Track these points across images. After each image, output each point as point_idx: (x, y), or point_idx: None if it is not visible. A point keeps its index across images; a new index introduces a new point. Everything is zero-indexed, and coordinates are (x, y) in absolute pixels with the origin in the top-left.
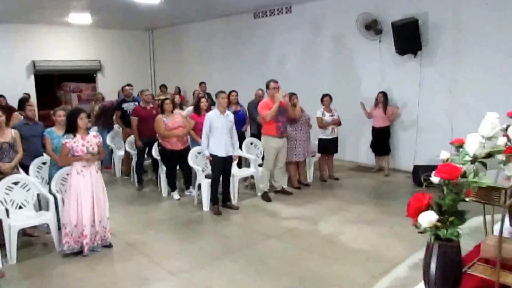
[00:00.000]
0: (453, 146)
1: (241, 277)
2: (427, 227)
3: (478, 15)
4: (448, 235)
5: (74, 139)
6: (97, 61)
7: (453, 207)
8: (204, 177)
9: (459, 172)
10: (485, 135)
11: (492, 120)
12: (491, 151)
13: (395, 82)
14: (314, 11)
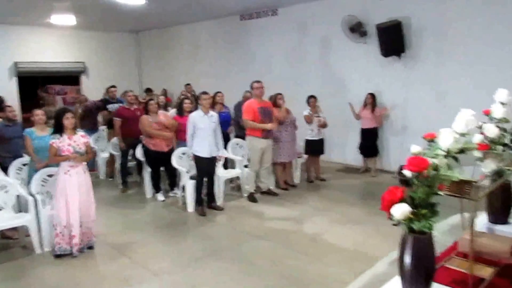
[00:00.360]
0: (425, 140)
1: (225, 277)
2: (401, 219)
3: (459, 18)
4: (421, 227)
5: (61, 139)
6: (82, 63)
7: (425, 200)
8: (188, 178)
9: (426, 164)
10: (459, 132)
11: (467, 117)
12: (464, 147)
13: (381, 84)
14: (300, 13)
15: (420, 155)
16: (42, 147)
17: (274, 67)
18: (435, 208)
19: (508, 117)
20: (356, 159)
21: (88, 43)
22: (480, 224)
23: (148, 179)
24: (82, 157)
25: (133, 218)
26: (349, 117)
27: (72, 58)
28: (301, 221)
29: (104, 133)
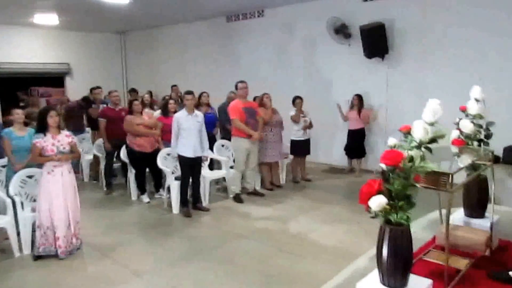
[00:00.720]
0: (401, 133)
1: (209, 276)
2: (378, 211)
3: (440, 21)
4: (398, 219)
5: (45, 138)
6: (66, 64)
7: (402, 192)
8: (173, 179)
9: (401, 157)
10: (428, 121)
11: (434, 106)
12: (434, 136)
13: (365, 85)
14: (286, 15)
15: (396, 147)
16: (21, 147)
17: (260, 68)
18: (412, 200)
19: (483, 113)
20: (342, 159)
21: (73, 43)
22: (457, 218)
23: (133, 181)
24: (67, 155)
25: (116, 220)
26: (334, 118)
27: (56, 59)
28: (286, 221)
29: (88, 134)
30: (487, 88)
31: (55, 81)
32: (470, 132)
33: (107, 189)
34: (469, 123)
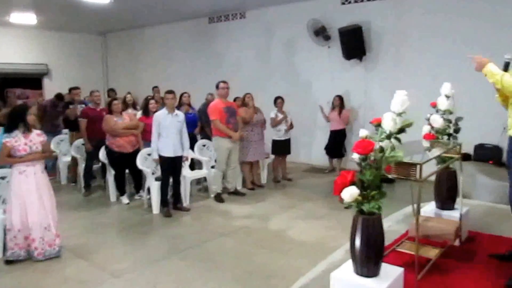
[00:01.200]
0: (373, 125)
1: (189, 274)
2: (350, 201)
3: (416, 23)
4: (371, 208)
5: (16, 138)
6: (44, 64)
7: (374, 182)
8: (154, 179)
9: (372, 146)
10: (396, 112)
11: (402, 97)
12: (402, 126)
13: (344, 86)
14: (267, 17)
15: (367, 138)
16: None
17: (242, 69)
18: (383, 190)
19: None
20: (322, 159)
21: (51, 44)
22: (429, 211)
23: (112, 182)
24: (40, 153)
25: (95, 221)
26: (315, 118)
27: (34, 59)
28: (267, 219)
29: (66, 136)
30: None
31: (33, 82)
32: (440, 126)
33: (85, 191)
34: (439, 118)
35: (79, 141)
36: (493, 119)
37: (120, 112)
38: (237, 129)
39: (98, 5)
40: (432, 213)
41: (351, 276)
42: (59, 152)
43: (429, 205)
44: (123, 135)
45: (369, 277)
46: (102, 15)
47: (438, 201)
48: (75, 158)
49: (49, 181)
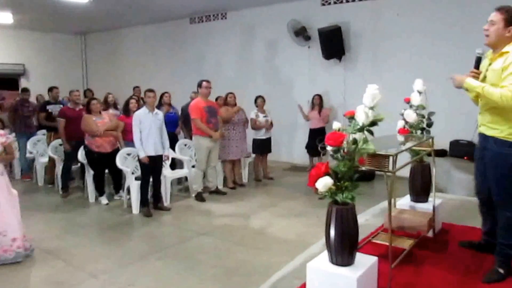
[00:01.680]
0: (346, 118)
1: (168, 273)
2: (324, 191)
3: (392, 24)
4: (344, 198)
5: None
6: (21, 65)
7: (347, 173)
8: (133, 179)
9: (343, 138)
10: (368, 105)
11: (373, 91)
12: (374, 119)
13: (323, 85)
14: (248, 17)
15: (340, 130)
16: None
17: (223, 69)
18: (354, 179)
19: (424, 104)
20: (303, 158)
21: (29, 43)
22: (403, 204)
23: (91, 182)
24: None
25: (73, 222)
26: (295, 117)
27: (10, 59)
28: (248, 217)
29: (44, 136)
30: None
31: (9, 83)
32: (414, 121)
33: (63, 192)
34: (413, 113)
35: (57, 142)
36: (467, 116)
37: (99, 112)
38: (218, 128)
39: (76, 5)
40: (407, 206)
41: (326, 265)
42: (36, 153)
43: (404, 198)
44: (101, 136)
45: (344, 266)
46: (81, 15)
47: (413, 194)
48: (53, 159)
49: (9, 183)
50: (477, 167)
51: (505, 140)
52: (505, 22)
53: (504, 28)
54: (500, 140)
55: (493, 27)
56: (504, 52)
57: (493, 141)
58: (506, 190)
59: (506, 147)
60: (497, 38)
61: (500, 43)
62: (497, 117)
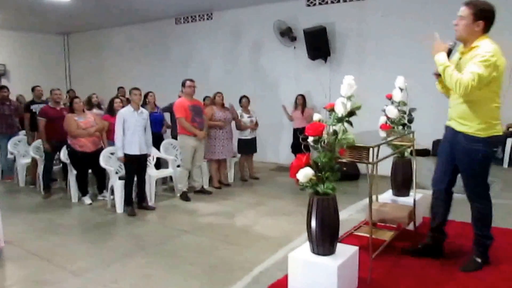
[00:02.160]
0: (326, 110)
1: (152, 271)
2: (305, 182)
3: (376, 25)
4: (325, 189)
5: None
6: (2, 65)
7: (328, 164)
8: (117, 178)
9: (323, 127)
10: (345, 95)
11: (349, 81)
12: (351, 109)
13: (309, 86)
14: (234, 18)
15: (321, 121)
16: None
17: (209, 69)
18: (336, 170)
19: (406, 100)
20: (289, 158)
21: (10, 43)
22: (386, 198)
23: (74, 182)
24: None
25: (55, 222)
26: (281, 117)
27: None
28: (233, 216)
29: (25, 137)
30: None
31: None
32: (395, 117)
33: (45, 193)
34: (394, 109)
35: (39, 142)
36: None
37: (82, 111)
38: (203, 127)
39: (59, 4)
40: (388, 200)
41: (308, 255)
42: (17, 153)
43: (386, 193)
44: (80, 139)
45: (325, 255)
46: (64, 15)
47: (394, 189)
48: (35, 160)
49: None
50: (441, 160)
51: (474, 136)
52: (474, 17)
53: (472, 23)
54: (470, 136)
55: (462, 21)
56: (474, 46)
57: (463, 137)
58: (477, 183)
59: (476, 142)
60: (466, 32)
61: (470, 37)
62: (468, 113)
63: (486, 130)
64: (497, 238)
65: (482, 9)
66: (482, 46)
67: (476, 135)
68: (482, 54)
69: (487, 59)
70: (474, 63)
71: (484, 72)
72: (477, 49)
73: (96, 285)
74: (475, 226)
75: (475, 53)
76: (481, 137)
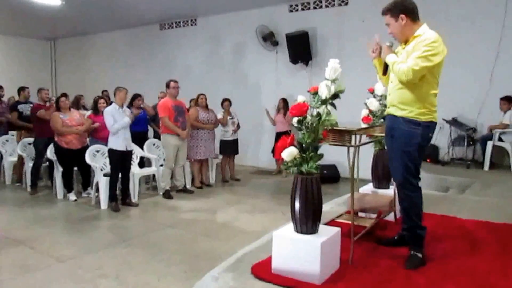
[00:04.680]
0: (310, 93)
1: (134, 258)
2: (289, 160)
3: (357, 29)
4: (309, 168)
5: None
6: None
7: (312, 144)
8: (102, 175)
9: (306, 107)
10: (329, 78)
11: (334, 65)
12: (335, 91)
13: (290, 90)
14: (217, 23)
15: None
16: None
17: (193, 72)
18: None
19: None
20: (269, 162)
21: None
22: (366, 189)
23: (59, 180)
24: None
25: (40, 215)
26: (262, 121)
27: None
28: (214, 212)
29: (13, 137)
30: None
31: None
32: (376, 109)
33: (31, 190)
34: (376, 101)
35: (26, 140)
36: None
37: (68, 109)
38: (185, 127)
39: (48, 8)
40: (369, 191)
41: (291, 234)
42: (5, 152)
43: (367, 185)
44: (68, 134)
45: (308, 234)
46: (51, 20)
47: (375, 180)
48: (21, 158)
49: None
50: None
51: (414, 120)
52: (393, 17)
53: (396, 22)
54: (409, 119)
55: (390, 27)
56: (416, 35)
57: (402, 120)
58: (408, 169)
59: (415, 125)
60: (399, 32)
61: (405, 33)
62: (407, 98)
63: (425, 115)
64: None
65: (394, 6)
66: (425, 35)
67: (415, 119)
68: (425, 43)
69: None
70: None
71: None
72: (419, 38)
73: (82, 270)
74: (406, 216)
75: (418, 41)
76: (420, 120)
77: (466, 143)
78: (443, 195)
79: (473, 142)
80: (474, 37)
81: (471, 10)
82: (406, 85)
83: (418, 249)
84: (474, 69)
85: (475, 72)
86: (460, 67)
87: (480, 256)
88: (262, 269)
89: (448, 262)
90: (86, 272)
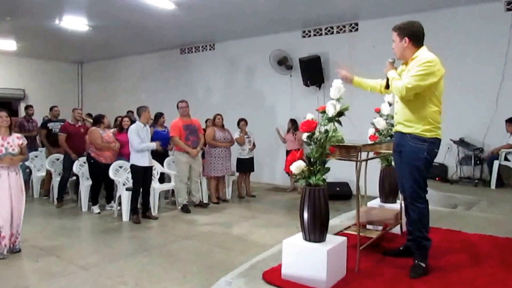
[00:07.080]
0: (319, 112)
1: (153, 267)
2: (298, 173)
3: (367, 54)
4: (317, 180)
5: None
6: (21, 90)
7: (320, 159)
8: (125, 189)
9: (315, 124)
10: (334, 98)
11: (337, 85)
12: (340, 110)
13: (303, 111)
14: (235, 48)
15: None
16: None
17: (212, 95)
18: (326, 164)
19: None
20: (285, 180)
21: (30, 70)
22: (374, 203)
23: (85, 193)
24: (15, 158)
25: (66, 226)
26: (277, 140)
27: (11, 84)
28: (229, 226)
29: (42, 153)
30: None
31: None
32: (383, 128)
33: (58, 202)
34: (382, 120)
35: (54, 156)
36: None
37: (108, 127)
38: (196, 145)
39: (76, 33)
40: (376, 205)
41: (300, 242)
42: (33, 167)
43: (374, 200)
44: (106, 150)
45: (316, 242)
46: (80, 44)
47: (382, 195)
48: (49, 173)
49: (23, 183)
50: (397, 168)
51: (420, 136)
52: (399, 37)
53: (400, 42)
54: (415, 136)
55: (394, 44)
56: (414, 57)
57: (410, 137)
58: (417, 183)
59: (421, 141)
60: (399, 51)
61: (405, 54)
62: (412, 116)
63: (431, 131)
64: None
65: (403, 28)
66: (420, 56)
67: (421, 135)
68: (419, 63)
69: (425, 67)
70: (413, 69)
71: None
72: (415, 59)
73: (103, 277)
74: (415, 228)
75: (415, 61)
76: (426, 137)
77: (474, 163)
78: (450, 211)
79: (480, 161)
80: (480, 62)
81: (476, 35)
82: (409, 104)
83: (422, 259)
84: (480, 92)
85: (482, 95)
86: (467, 90)
87: (482, 268)
88: (273, 275)
89: (450, 273)
90: (107, 279)
